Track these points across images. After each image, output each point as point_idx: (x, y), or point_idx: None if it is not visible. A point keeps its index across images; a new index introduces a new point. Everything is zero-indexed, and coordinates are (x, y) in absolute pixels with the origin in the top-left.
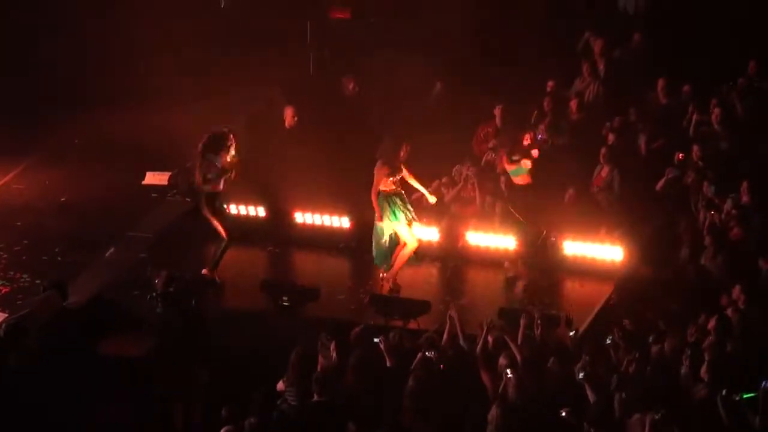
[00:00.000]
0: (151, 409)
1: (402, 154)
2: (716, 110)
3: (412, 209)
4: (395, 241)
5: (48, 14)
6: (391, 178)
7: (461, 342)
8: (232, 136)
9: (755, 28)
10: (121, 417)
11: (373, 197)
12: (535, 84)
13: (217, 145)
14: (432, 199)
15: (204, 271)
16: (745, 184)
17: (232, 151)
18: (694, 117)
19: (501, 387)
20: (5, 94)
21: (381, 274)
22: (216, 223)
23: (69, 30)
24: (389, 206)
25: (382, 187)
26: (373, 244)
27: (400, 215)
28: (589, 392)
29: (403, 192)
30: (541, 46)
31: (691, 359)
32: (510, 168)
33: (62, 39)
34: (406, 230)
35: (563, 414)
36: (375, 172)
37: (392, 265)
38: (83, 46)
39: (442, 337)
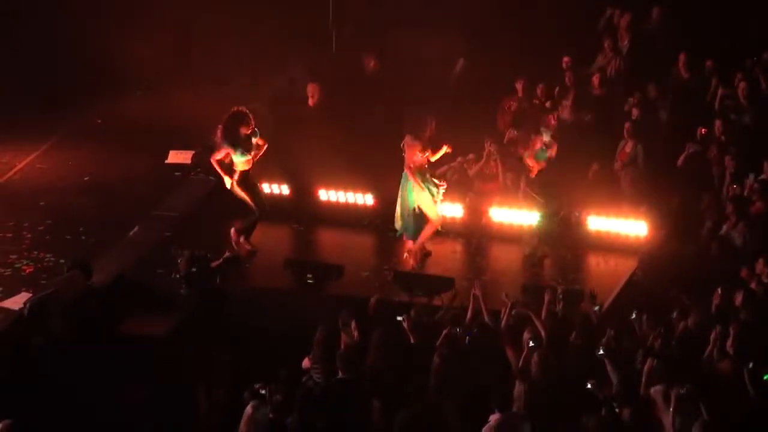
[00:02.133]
0: (174, 389)
1: (429, 129)
2: (742, 84)
3: (438, 187)
4: (421, 216)
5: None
6: (422, 154)
7: (486, 318)
8: (251, 115)
9: None
10: (145, 397)
11: (409, 171)
12: (558, 59)
13: (237, 124)
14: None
15: (227, 253)
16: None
17: (253, 130)
18: (719, 91)
19: (524, 362)
20: (29, 75)
21: (405, 251)
22: (248, 199)
23: (92, 11)
24: (421, 180)
25: (409, 162)
26: (399, 215)
27: (429, 191)
28: (609, 368)
29: (428, 168)
30: (564, 21)
31: (718, 333)
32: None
33: (85, 20)
34: (432, 206)
35: (588, 386)
36: (405, 147)
37: (415, 237)
38: (106, 27)
39: (466, 313)
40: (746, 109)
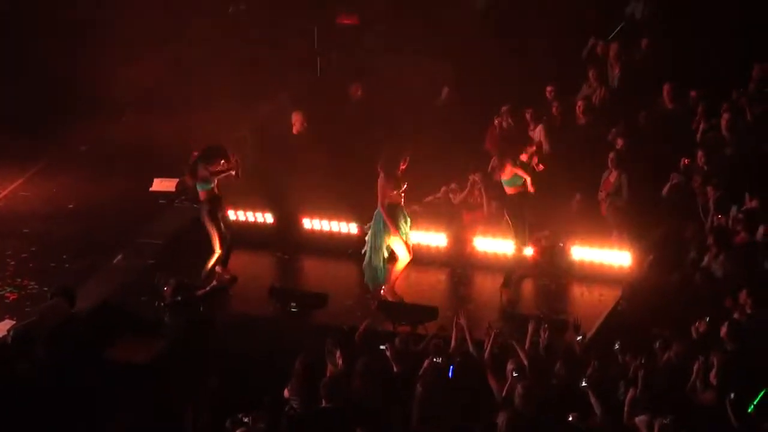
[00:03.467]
0: (160, 415)
1: (403, 166)
2: (725, 115)
3: (409, 224)
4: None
5: (52, 22)
6: (395, 191)
7: (470, 348)
8: (228, 152)
9: (763, 33)
10: (130, 424)
11: (382, 209)
12: (543, 87)
13: (211, 156)
14: None
15: (214, 282)
16: (751, 189)
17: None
18: (702, 123)
19: (507, 392)
20: (11, 102)
21: (381, 290)
22: (212, 231)
23: (73, 37)
24: (389, 218)
25: (381, 197)
26: (368, 259)
27: (402, 228)
28: (593, 400)
29: (402, 205)
30: (549, 51)
31: (702, 365)
32: (505, 178)
33: (66, 46)
34: (402, 245)
35: (570, 419)
36: (379, 184)
37: (386, 280)
38: (88, 53)
39: (449, 343)
40: (728, 141)
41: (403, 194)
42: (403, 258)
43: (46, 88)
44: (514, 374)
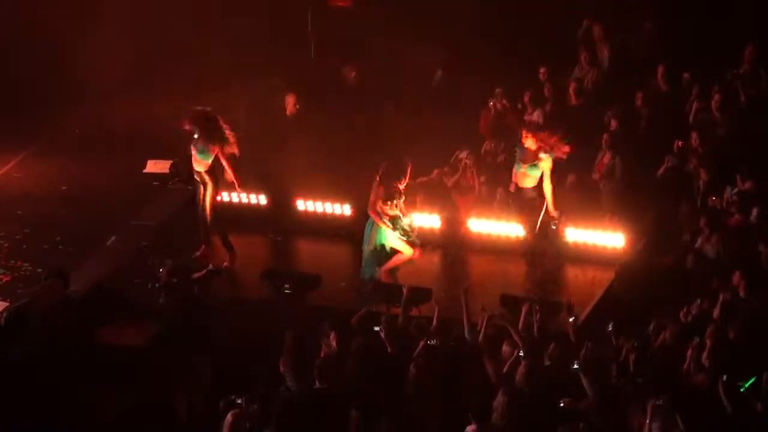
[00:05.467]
0: (153, 399)
1: (400, 185)
2: (716, 96)
3: (412, 229)
4: (391, 253)
5: (49, 5)
6: (387, 204)
7: (466, 330)
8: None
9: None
10: (123, 406)
11: (371, 212)
12: (537, 69)
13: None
14: None
15: (210, 265)
16: (743, 171)
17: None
18: (695, 104)
19: (506, 373)
20: (4, 84)
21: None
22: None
23: (68, 21)
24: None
25: (379, 211)
26: (367, 251)
27: (399, 228)
28: (585, 382)
29: (401, 215)
30: (543, 32)
31: (695, 346)
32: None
33: (60, 30)
34: (404, 244)
35: (562, 404)
36: (373, 188)
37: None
38: (81, 37)
39: (431, 323)
40: (719, 121)
41: (396, 207)
42: (407, 254)
43: (42, 72)
44: (520, 354)
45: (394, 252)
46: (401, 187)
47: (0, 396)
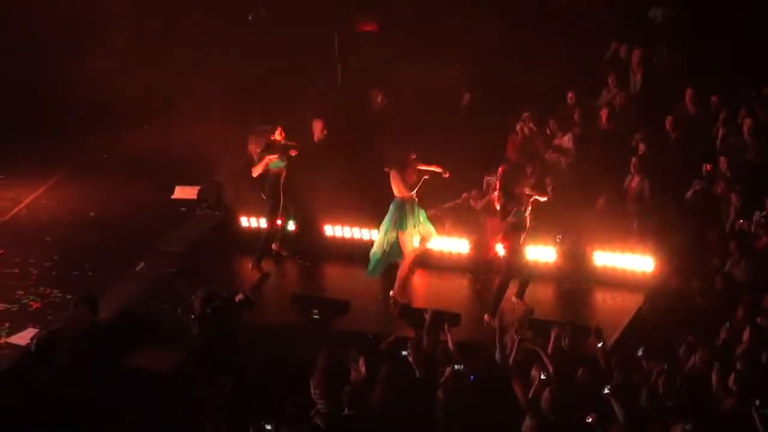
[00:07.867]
0: (180, 424)
1: (410, 161)
2: (747, 120)
3: (421, 219)
4: (395, 251)
5: (76, 31)
6: (408, 186)
7: (497, 353)
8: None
9: None
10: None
11: (402, 200)
12: (564, 92)
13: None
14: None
15: (240, 295)
16: None
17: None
18: (722, 129)
19: (533, 397)
20: (35, 111)
21: (391, 294)
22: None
23: (97, 47)
24: (398, 213)
25: (397, 193)
26: (375, 248)
27: (407, 224)
28: (615, 407)
29: (416, 199)
30: (570, 54)
31: (720, 370)
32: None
33: (90, 56)
34: (407, 240)
35: (589, 420)
36: (392, 183)
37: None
38: (111, 63)
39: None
40: (749, 145)
41: (416, 189)
42: (407, 255)
43: (71, 99)
44: (542, 377)
45: (400, 250)
46: (412, 162)
47: (28, 421)
